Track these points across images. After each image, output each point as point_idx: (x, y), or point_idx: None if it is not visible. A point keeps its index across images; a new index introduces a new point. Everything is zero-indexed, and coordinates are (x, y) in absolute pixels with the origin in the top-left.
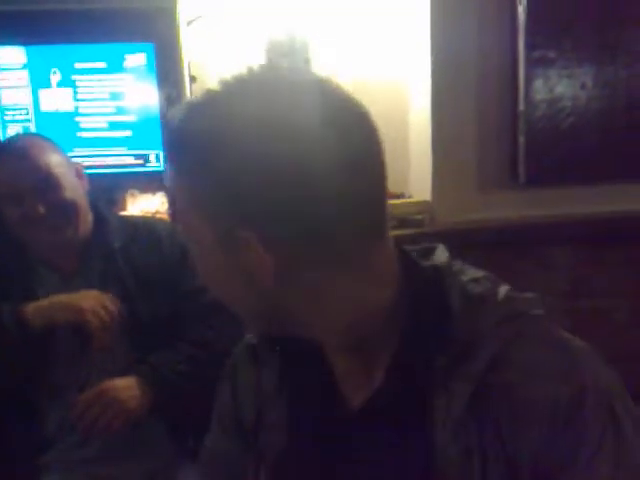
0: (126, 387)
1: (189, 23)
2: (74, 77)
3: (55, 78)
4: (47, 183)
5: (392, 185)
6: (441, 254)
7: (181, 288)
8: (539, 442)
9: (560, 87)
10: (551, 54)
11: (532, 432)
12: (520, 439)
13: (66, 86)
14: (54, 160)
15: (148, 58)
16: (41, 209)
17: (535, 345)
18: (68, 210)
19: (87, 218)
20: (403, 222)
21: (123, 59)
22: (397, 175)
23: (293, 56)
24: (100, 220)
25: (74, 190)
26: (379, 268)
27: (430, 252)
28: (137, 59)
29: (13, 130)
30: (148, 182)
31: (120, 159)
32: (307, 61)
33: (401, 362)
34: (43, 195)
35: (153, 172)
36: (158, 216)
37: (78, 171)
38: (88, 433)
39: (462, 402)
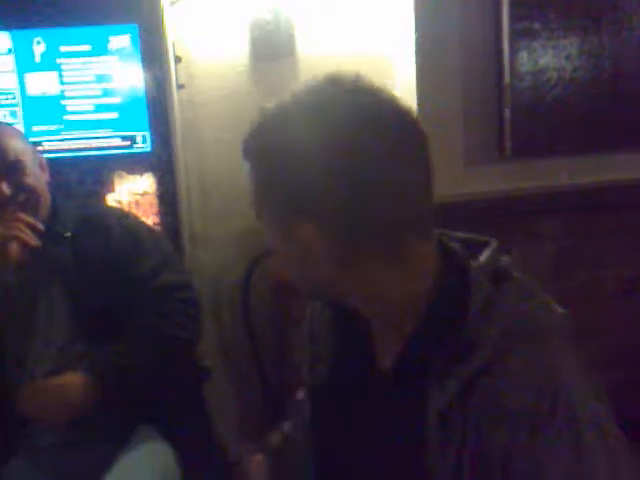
0: (69, 383)
1: (172, 3)
2: (59, 60)
3: (40, 62)
4: (14, 167)
5: None
6: (488, 255)
7: (130, 275)
8: (509, 446)
9: (545, 58)
10: (535, 25)
11: (504, 436)
12: (494, 440)
13: (51, 70)
14: (21, 148)
15: (132, 39)
16: (6, 190)
17: (527, 363)
18: (30, 195)
19: (46, 206)
20: None
21: (107, 41)
22: None
23: (278, 33)
24: (55, 209)
25: (37, 178)
26: (421, 263)
27: (479, 249)
28: (121, 41)
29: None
30: (135, 163)
31: (107, 141)
32: (291, 37)
33: (412, 346)
34: (9, 178)
35: (140, 153)
36: (145, 197)
37: (42, 163)
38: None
39: (450, 397)
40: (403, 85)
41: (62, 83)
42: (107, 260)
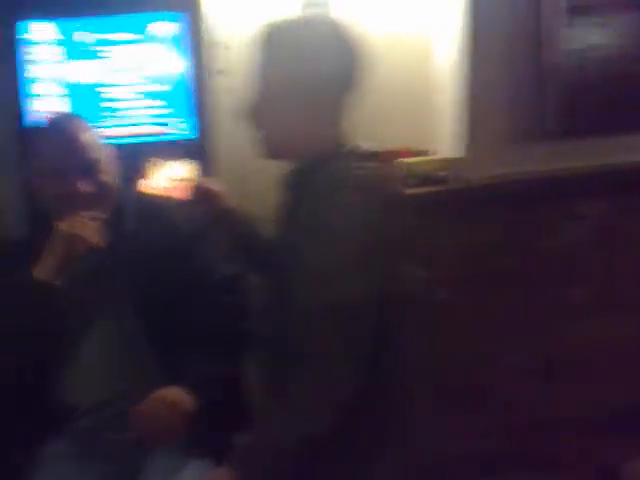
0: (177, 393)
1: None
2: (104, 48)
3: (85, 50)
4: (90, 164)
5: (416, 142)
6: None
7: (192, 265)
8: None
9: (592, 36)
10: (583, 2)
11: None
12: None
13: (96, 58)
14: (96, 144)
15: (177, 27)
16: (81, 187)
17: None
18: (102, 192)
19: (113, 200)
20: (427, 179)
21: (151, 29)
22: (420, 132)
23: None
24: (121, 203)
25: (109, 174)
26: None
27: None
28: (167, 28)
29: (46, 104)
30: (172, 150)
31: (148, 128)
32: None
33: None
34: (84, 175)
35: (180, 140)
36: (182, 183)
37: (111, 156)
38: (153, 442)
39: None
40: (442, 66)
41: (106, 71)
42: (171, 250)
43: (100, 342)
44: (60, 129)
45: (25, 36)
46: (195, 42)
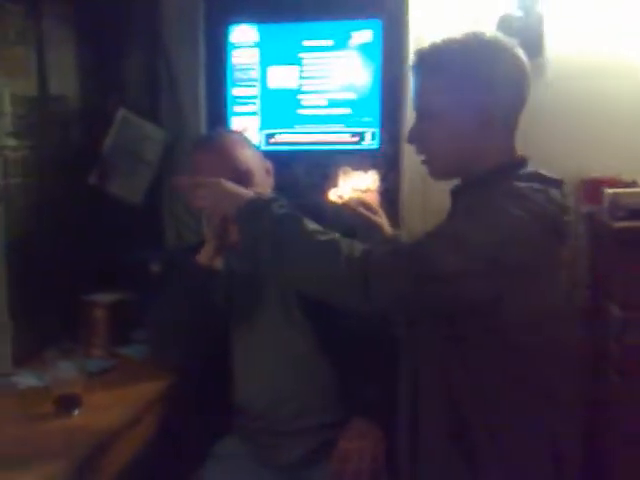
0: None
1: None
2: (301, 55)
3: (282, 55)
4: (245, 177)
5: (622, 172)
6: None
7: None
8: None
9: None
10: None
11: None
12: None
13: (292, 64)
14: (252, 157)
15: (374, 35)
16: None
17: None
18: None
19: None
20: (635, 213)
21: (349, 36)
22: (628, 162)
23: (526, 32)
24: None
25: (263, 186)
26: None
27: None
28: (363, 36)
29: (243, 106)
30: (362, 159)
31: (337, 136)
32: (540, 36)
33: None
34: (239, 183)
35: (368, 150)
36: (368, 194)
37: (268, 169)
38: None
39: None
40: None
41: (301, 77)
42: None
43: (270, 344)
44: (214, 142)
45: (230, 39)
46: (396, 51)
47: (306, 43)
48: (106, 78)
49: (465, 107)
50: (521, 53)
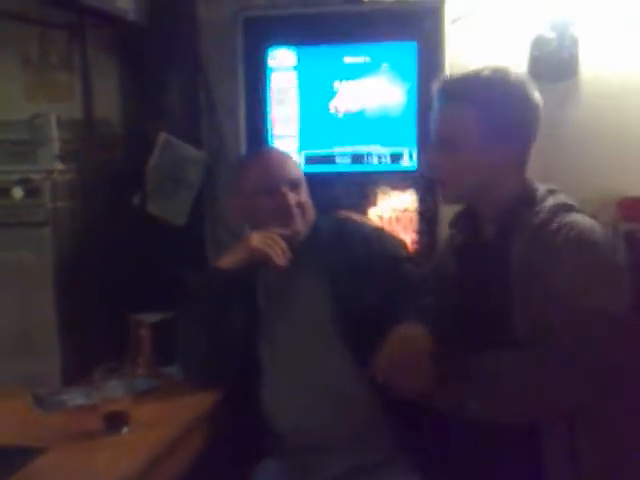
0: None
1: (454, 21)
2: (338, 76)
3: (320, 77)
4: (297, 181)
5: None
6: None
7: (390, 279)
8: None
9: None
10: None
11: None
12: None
13: (330, 85)
14: (298, 167)
15: (411, 56)
16: (292, 198)
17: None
18: (304, 208)
19: (310, 220)
20: None
21: (386, 58)
22: None
23: (560, 53)
24: (317, 223)
25: (307, 195)
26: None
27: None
28: (400, 57)
29: (282, 129)
30: (399, 180)
31: (375, 157)
32: (574, 57)
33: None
34: (292, 189)
35: (405, 170)
36: (406, 213)
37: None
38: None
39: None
40: None
41: (338, 99)
42: (370, 266)
43: (304, 364)
44: (265, 154)
45: (269, 62)
46: (432, 72)
47: (343, 64)
48: (148, 103)
49: (484, 140)
50: (537, 95)
